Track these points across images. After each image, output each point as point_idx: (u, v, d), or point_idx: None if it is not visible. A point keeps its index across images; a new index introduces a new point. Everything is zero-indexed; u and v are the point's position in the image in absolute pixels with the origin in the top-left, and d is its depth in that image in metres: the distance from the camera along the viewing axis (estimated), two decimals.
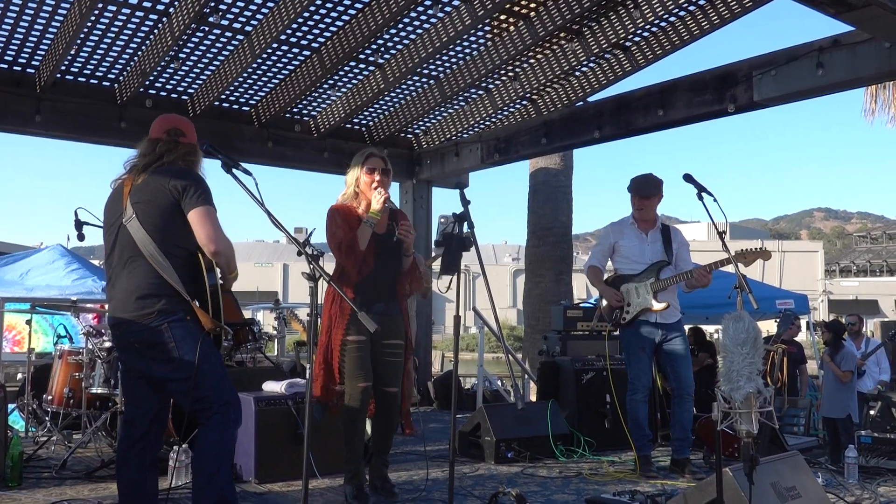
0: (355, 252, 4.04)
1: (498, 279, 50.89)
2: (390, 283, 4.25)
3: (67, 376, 5.67)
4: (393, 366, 4.22)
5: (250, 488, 4.55)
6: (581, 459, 5.55)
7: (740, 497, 3.09)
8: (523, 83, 7.59)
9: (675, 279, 5.07)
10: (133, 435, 3.24)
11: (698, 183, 4.43)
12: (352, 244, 4.03)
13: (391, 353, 4.21)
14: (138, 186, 3.17)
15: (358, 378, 4.06)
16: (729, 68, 6.20)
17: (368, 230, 4.07)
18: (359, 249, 4.04)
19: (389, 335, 4.18)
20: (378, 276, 4.17)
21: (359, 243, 4.04)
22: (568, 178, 10.39)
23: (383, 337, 4.12)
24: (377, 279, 4.17)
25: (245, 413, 4.73)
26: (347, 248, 4.03)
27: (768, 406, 2.34)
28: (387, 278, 4.23)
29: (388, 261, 4.20)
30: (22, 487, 4.51)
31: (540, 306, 9.93)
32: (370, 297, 4.14)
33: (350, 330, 4.05)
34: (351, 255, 4.04)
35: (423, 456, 5.22)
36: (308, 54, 6.95)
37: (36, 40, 6.29)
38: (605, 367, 5.85)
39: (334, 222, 4.12)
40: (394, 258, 4.22)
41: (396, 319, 4.25)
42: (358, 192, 4.24)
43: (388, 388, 4.22)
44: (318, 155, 8.37)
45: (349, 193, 4.26)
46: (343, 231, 4.07)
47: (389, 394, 4.22)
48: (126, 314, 3.11)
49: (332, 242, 4.13)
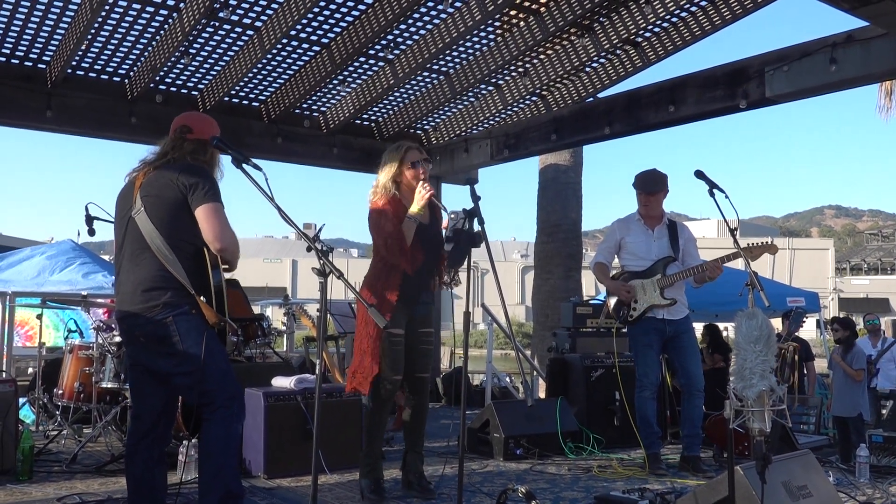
0: (403, 248, 4.04)
1: (507, 276, 50.83)
2: (431, 274, 4.30)
3: (78, 371, 5.70)
4: (426, 353, 4.32)
5: (259, 483, 4.56)
6: (590, 457, 5.53)
7: (751, 496, 3.07)
8: (533, 79, 7.56)
9: (683, 275, 5.04)
10: (140, 429, 3.25)
11: (710, 179, 4.40)
12: (399, 240, 4.03)
13: (425, 342, 4.30)
14: (148, 180, 3.19)
15: (394, 372, 4.10)
16: (741, 64, 6.16)
17: (413, 226, 4.05)
18: (406, 245, 4.04)
19: (425, 324, 4.30)
20: (425, 269, 4.20)
21: (405, 239, 4.04)
22: (578, 175, 10.34)
23: (420, 326, 4.25)
24: (423, 270, 4.20)
25: (254, 408, 4.79)
26: (394, 244, 4.02)
27: (781, 404, 2.32)
28: (430, 268, 4.26)
29: (430, 252, 4.20)
30: (32, 481, 4.54)
31: (549, 303, 9.90)
32: (418, 289, 4.20)
33: (391, 323, 4.04)
34: (398, 251, 4.03)
35: (431, 452, 5.21)
36: (318, 50, 6.94)
37: (47, 36, 6.30)
38: (614, 364, 5.83)
39: (383, 217, 4.07)
40: (436, 249, 4.23)
41: (430, 309, 4.37)
42: (401, 187, 4.16)
43: (422, 374, 4.30)
44: (328, 151, 8.38)
45: (388, 190, 4.16)
46: (392, 226, 4.04)
47: (422, 378, 4.31)
48: (132, 307, 3.12)
49: (378, 239, 4.10)
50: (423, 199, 4.01)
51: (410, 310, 4.20)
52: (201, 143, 3.31)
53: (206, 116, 3.47)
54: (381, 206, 4.12)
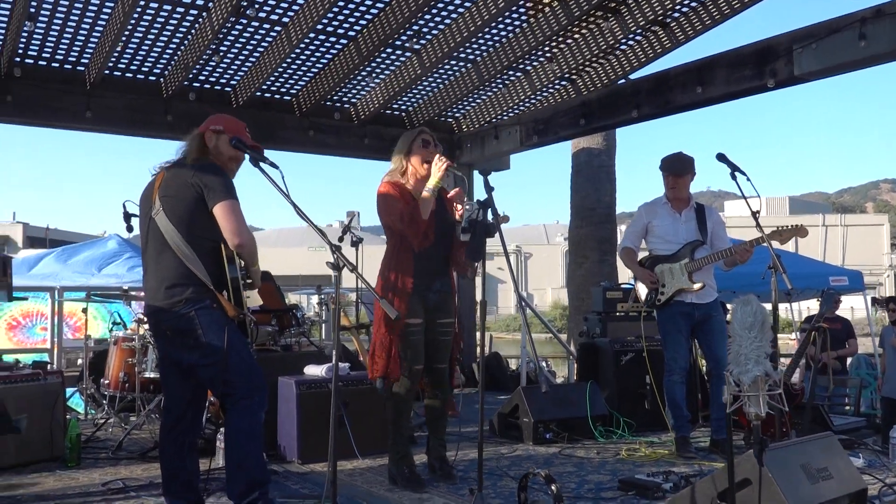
0: (417, 221, 4.06)
1: (550, 259, 50.69)
2: (445, 261, 4.32)
3: (122, 361, 5.93)
4: (445, 344, 4.33)
5: (293, 468, 4.71)
6: (620, 441, 5.56)
7: (767, 478, 3.09)
8: (561, 64, 7.54)
9: (711, 258, 5.03)
10: (170, 420, 3.40)
11: (731, 162, 4.40)
12: (413, 214, 4.05)
13: (444, 332, 4.31)
14: (165, 182, 3.32)
15: (413, 361, 4.15)
16: (768, 42, 6.05)
17: (431, 199, 4.06)
18: (421, 219, 4.06)
19: (444, 314, 4.29)
20: (435, 253, 4.22)
21: (420, 212, 4.06)
22: (611, 158, 10.30)
23: (438, 315, 4.25)
24: (435, 256, 4.22)
25: (287, 396, 4.94)
26: (409, 218, 4.05)
27: (777, 389, 2.35)
28: (443, 255, 4.29)
29: (442, 237, 4.22)
30: (80, 467, 4.76)
31: (584, 287, 9.90)
32: (430, 276, 4.22)
33: (407, 313, 4.09)
34: (413, 225, 4.05)
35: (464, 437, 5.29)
36: (345, 42, 7.03)
37: (84, 39, 6.51)
38: (643, 347, 5.84)
39: (390, 197, 4.12)
40: (447, 235, 4.24)
41: (449, 298, 4.35)
42: (408, 167, 4.24)
43: (440, 365, 4.33)
44: (359, 141, 8.48)
45: (393, 177, 4.26)
46: (403, 203, 4.08)
47: (440, 369, 4.33)
48: (158, 302, 3.26)
49: (391, 216, 4.11)
50: (440, 171, 4.03)
51: (424, 297, 4.21)
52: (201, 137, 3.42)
53: (221, 116, 3.56)
54: (384, 190, 4.18)
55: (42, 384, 4.93)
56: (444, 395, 4.40)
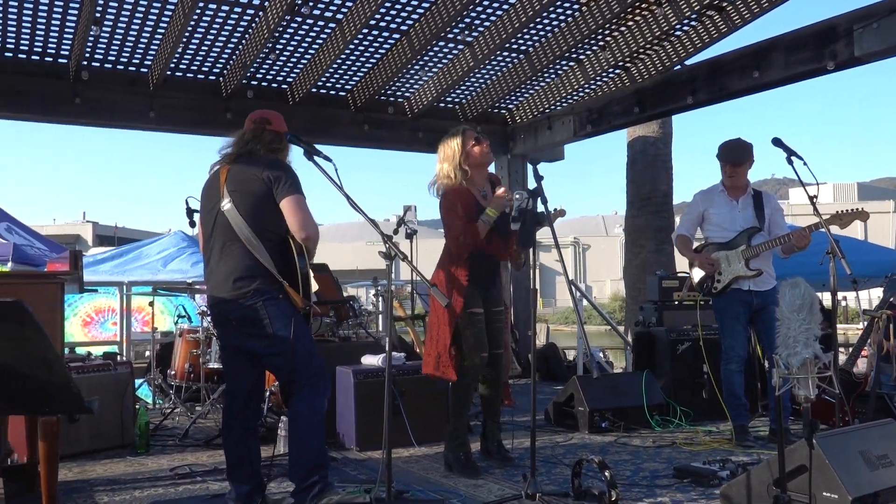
0: (476, 243, 4.21)
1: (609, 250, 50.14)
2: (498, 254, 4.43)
3: (187, 353, 6.16)
4: (500, 331, 4.47)
5: (352, 455, 4.82)
6: (677, 429, 5.52)
7: (824, 464, 3.06)
8: (615, 51, 7.48)
9: (768, 245, 4.95)
10: (234, 405, 3.51)
11: (788, 147, 4.33)
12: (473, 236, 4.18)
13: (498, 319, 4.44)
14: (233, 175, 3.41)
15: (480, 349, 4.25)
16: (828, 23, 5.90)
17: (488, 226, 4.19)
18: (480, 240, 4.21)
19: (497, 303, 4.43)
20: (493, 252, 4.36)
21: (479, 235, 4.20)
22: (667, 146, 10.14)
23: (492, 305, 4.38)
24: (489, 253, 4.34)
25: (345, 385, 5.06)
26: (466, 240, 4.18)
27: (827, 371, 2.33)
28: (495, 251, 4.39)
29: (496, 233, 4.30)
30: (149, 454, 4.96)
31: (640, 277, 9.79)
32: (488, 270, 4.35)
33: (469, 302, 4.21)
34: (469, 246, 4.21)
35: (519, 426, 5.35)
36: (398, 37, 7.11)
37: (146, 41, 6.74)
38: (699, 336, 5.78)
39: (454, 212, 4.22)
40: (500, 229, 4.31)
41: (500, 288, 4.50)
42: (466, 168, 4.30)
43: (498, 350, 4.44)
44: (413, 135, 8.57)
45: (454, 173, 4.30)
46: (463, 223, 4.19)
47: (498, 354, 4.45)
48: (224, 294, 3.36)
49: (450, 232, 4.25)
50: (500, 201, 4.15)
51: (486, 291, 4.34)
52: (278, 135, 3.54)
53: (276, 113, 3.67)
54: (452, 200, 4.25)
55: (113, 374, 5.15)
56: (500, 379, 4.49)
